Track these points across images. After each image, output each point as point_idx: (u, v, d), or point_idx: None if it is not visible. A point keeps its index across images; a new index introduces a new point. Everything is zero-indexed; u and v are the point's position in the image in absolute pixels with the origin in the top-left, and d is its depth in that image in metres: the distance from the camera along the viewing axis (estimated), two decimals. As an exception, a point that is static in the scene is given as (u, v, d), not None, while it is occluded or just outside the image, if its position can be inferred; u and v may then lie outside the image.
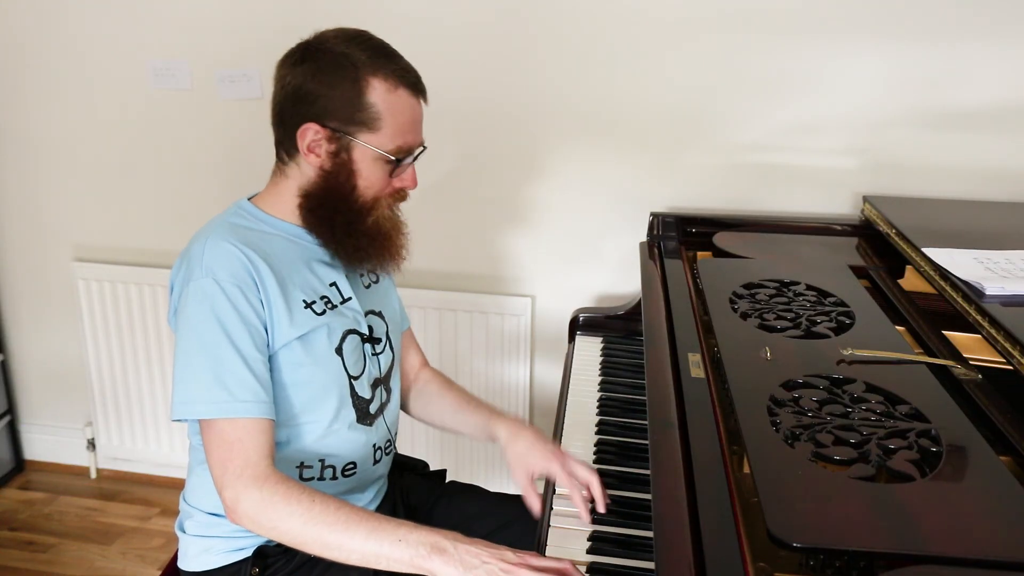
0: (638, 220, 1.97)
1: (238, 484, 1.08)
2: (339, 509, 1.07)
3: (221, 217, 1.23)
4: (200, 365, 1.10)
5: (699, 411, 1.13)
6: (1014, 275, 1.29)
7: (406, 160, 1.22)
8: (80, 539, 2.31)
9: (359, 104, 1.16)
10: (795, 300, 1.38)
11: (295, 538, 1.07)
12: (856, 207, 1.93)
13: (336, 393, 1.23)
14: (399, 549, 1.03)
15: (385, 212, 1.24)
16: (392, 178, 1.22)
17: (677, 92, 1.95)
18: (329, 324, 1.21)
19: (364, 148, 1.18)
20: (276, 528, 1.07)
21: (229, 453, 1.09)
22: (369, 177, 1.20)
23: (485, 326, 2.19)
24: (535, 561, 1.01)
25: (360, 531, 1.04)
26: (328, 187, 1.20)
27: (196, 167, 2.27)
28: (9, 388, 2.59)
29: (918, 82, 1.84)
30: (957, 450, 0.94)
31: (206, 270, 1.13)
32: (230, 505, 1.09)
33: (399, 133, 1.18)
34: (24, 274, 2.48)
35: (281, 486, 1.08)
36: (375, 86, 1.16)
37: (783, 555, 0.86)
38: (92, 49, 2.21)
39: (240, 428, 1.10)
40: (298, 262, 1.22)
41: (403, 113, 1.18)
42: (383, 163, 1.19)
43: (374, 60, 1.16)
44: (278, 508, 1.06)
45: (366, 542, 1.04)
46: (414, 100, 1.20)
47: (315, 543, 1.06)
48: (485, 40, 2.01)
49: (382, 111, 1.16)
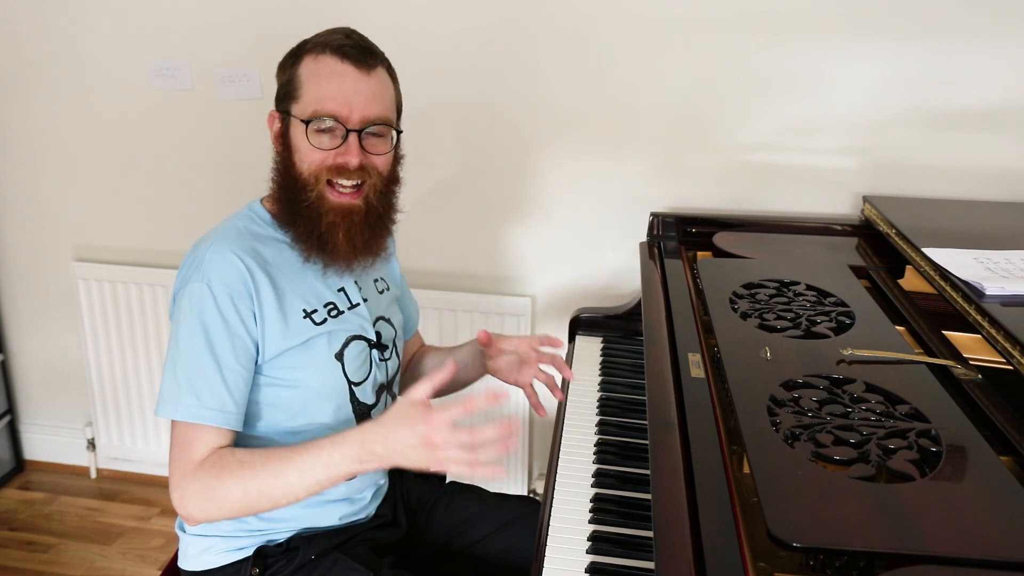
0: (638, 220, 1.97)
1: (182, 482, 1.10)
2: (265, 461, 1.09)
3: (232, 220, 1.23)
4: (178, 367, 1.13)
5: (699, 411, 1.13)
6: (1014, 275, 1.29)
7: (332, 128, 1.16)
8: (80, 539, 2.31)
9: (290, 79, 1.19)
10: (795, 300, 1.38)
11: (245, 506, 1.09)
12: (856, 207, 1.93)
13: (334, 399, 1.23)
14: (333, 471, 1.08)
15: (332, 199, 1.18)
16: (323, 150, 1.16)
17: (677, 92, 1.95)
18: (330, 332, 1.21)
19: (293, 120, 1.19)
20: (224, 506, 1.09)
21: (181, 454, 1.11)
22: (299, 149, 1.18)
23: (485, 326, 2.19)
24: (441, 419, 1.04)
25: (292, 473, 1.08)
26: (280, 170, 1.21)
27: (196, 167, 2.27)
28: (9, 388, 2.59)
29: (918, 82, 1.84)
30: (957, 450, 0.94)
31: (203, 275, 1.14)
32: (178, 504, 1.11)
33: (316, 98, 1.16)
34: (24, 274, 2.48)
35: (214, 468, 1.09)
36: (305, 60, 1.18)
37: (783, 555, 0.86)
38: (92, 49, 2.21)
39: (195, 432, 1.12)
40: (302, 268, 1.21)
41: (320, 76, 1.16)
42: (303, 130, 1.17)
43: (318, 37, 1.19)
44: (216, 488, 1.08)
45: (302, 480, 1.08)
46: (341, 65, 1.16)
47: (262, 501, 1.09)
48: (485, 41, 2.01)
49: (303, 78, 1.18)
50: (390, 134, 1.22)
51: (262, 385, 1.18)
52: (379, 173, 1.21)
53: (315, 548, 1.23)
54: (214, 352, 1.12)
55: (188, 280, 1.15)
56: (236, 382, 1.13)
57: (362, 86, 1.17)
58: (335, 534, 1.26)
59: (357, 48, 1.17)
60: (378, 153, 1.20)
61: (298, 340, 1.18)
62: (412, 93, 1.27)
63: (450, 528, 1.41)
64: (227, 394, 1.12)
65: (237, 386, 1.14)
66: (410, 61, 1.24)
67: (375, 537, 1.32)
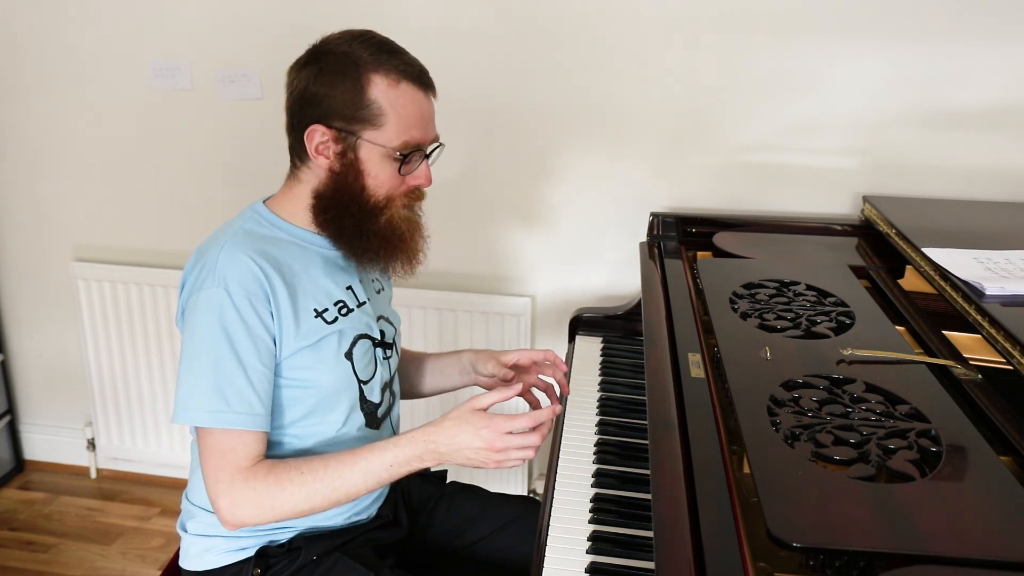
0: (638, 220, 1.97)
1: (232, 491, 1.10)
2: (326, 467, 1.13)
3: (237, 222, 1.22)
4: (202, 373, 1.11)
5: (699, 411, 1.13)
6: (1014, 275, 1.29)
7: (414, 155, 1.19)
8: (80, 539, 2.31)
9: (361, 102, 1.15)
10: (795, 300, 1.38)
11: (304, 512, 1.13)
12: (856, 207, 1.93)
13: (347, 398, 1.23)
14: (396, 469, 1.14)
15: (401, 212, 1.22)
16: (404, 176, 1.20)
17: (677, 92, 1.95)
18: (340, 330, 1.21)
19: (370, 146, 1.17)
20: (282, 511, 1.12)
21: (222, 462, 1.11)
22: (378, 176, 1.18)
23: (485, 326, 2.19)
24: (503, 426, 1.11)
25: (356, 477, 1.13)
26: (338, 188, 1.19)
27: (196, 167, 2.27)
28: (9, 388, 2.59)
29: (918, 82, 1.84)
30: (957, 450, 0.94)
31: (219, 279, 1.12)
32: (228, 511, 1.11)
33: (404, 129, 1.17)
34: (24, 274, 2.48)
35: (270, 476, 1.11)
36: (376, 82, 1.15)
37: (783, 555, 0.86)
38: (92, 49, 2.21)
39: (234, 438, 1.11)
40: (312, 269, 1.21)
41: (406, 107, 1.17)
42: (390, 160, 1.18)
43: (376, 56, 1.16)
44: (275, 496, 1.11)
45: (366, 480, 1.13)
46: (419, 94, 1.18)
47: (324, 505, 1.14)
48: (484, 42, 2.01)
49: (384, 107, 1.15)
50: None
51: (280, 387, 1.18)
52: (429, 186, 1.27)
53: (317, 549, 1.23)
54: (238, 356, 1.11)
55: (202, 286, 1.13)
56: (262, 383, 1.13)
57: (433, 110, 1.22)
58: (337, 534, 1.26)
59: (424, 72, 1.20)
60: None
61: (309, 340, 1.17)
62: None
63: (451, 528, 1.41)
64: (255, 396, 1.12)
65: (263, 387, 1.14)
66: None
67: (376, 537, 1.32)
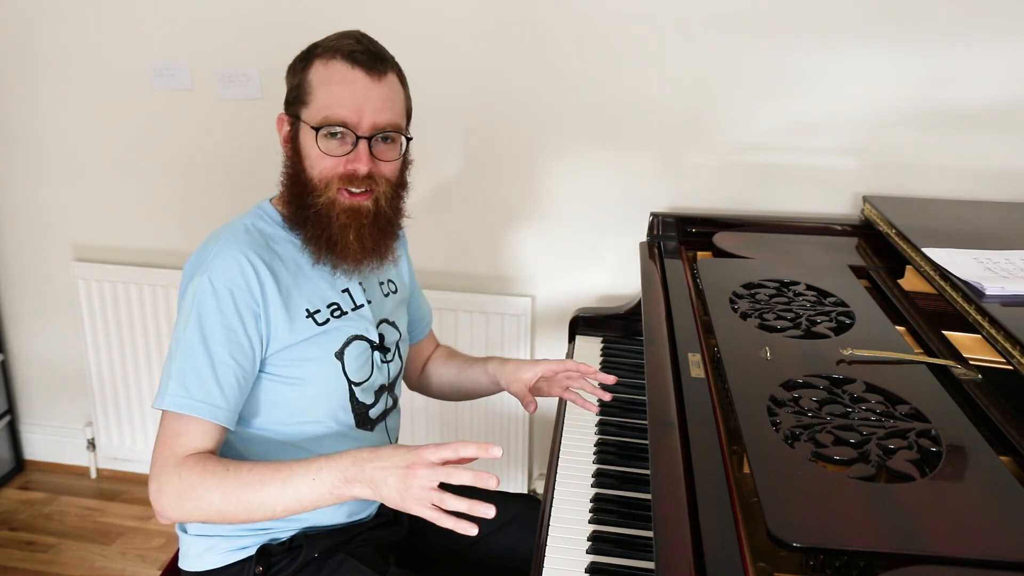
0: (638, 220, 1.97)
1: (161, 475, 1.08)
2: (252, 469, 1.07)
3: (242, 219, 1.23)
4: (173, 358, 1.13)
5: (699, 411, 1.13)
6: (1014, 275, 1.29)
7: (341, 135, 1.16)
8: (80, 539, 2.31)
9: (300, 83, 1.18)
10: (795, 300, 1.38)
11: (220, 512, 1.07)
12: (856, 207, 1.93)
13: (334, 397, 1.23)
14: (317, 488, 1.05)
15: (342, 200, 1.18)
16: (333, 156, 1.16)
17: (677, 92, 1.95)
18: (331, 331, 1.21)
19: (302, 126, 1.18)
20: (199, 508, 1.07)
21: (164, 446, 1.10)
22: (309, 155, 1.18)
23: (485, 326, 2.19)
24: (430, 455, 1.01)
25: (275, 484, 1.05)
26: (289, 174, 1.21)
27: (196, 167, 2.27)
28: (9, 388, 2.59)
29: (917, 82, 1.84)
30: (957, 450, 0.94)
31: (206, 270, 1.14)
32: (154, 496, 1.08)
33: (326, 104, 1.16)
34: (24, 274, 2.48)
35: (197, 466, 1.07)
36: (315, 64, 1.17)
37: (783, 555, 0.86)
38: (92, 49, 2.21)
39: (183, 425, 1.10)
40: (308, 268, 1.22)
41: (332, 83, 1.16)
42: (313, 136, 1.17)
43: (328, 42, 1.18)
44: (195, 487, 1.06)
45: (283, 492, 1.05)
46: (352, 72, 1.16)
47: (239, 509, 1.06)
48: (484, 42, 2.01)
49: (313, 84, 1.17)
50: (400, 140, 1.22)
51: (263, 381, 1.19)
52: (387, 180, 1.21)
53: (318, 546, 1.23)
54: (207, 345, 1.12)
55: (193, 275, 1.16)
56: (227, 377, 1.12)
57: (372, 92, 1.17)
58: (338, 532, 1.26)
59: (368, 53, 1.16)
60: (387, 160, 1.21)
61: (298, 339, 1.18)
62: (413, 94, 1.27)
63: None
64: (216, 387, 1.11)
65: (228, 381, 1.12)
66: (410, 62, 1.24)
67: (377, 536, 1.32)
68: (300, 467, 1.06)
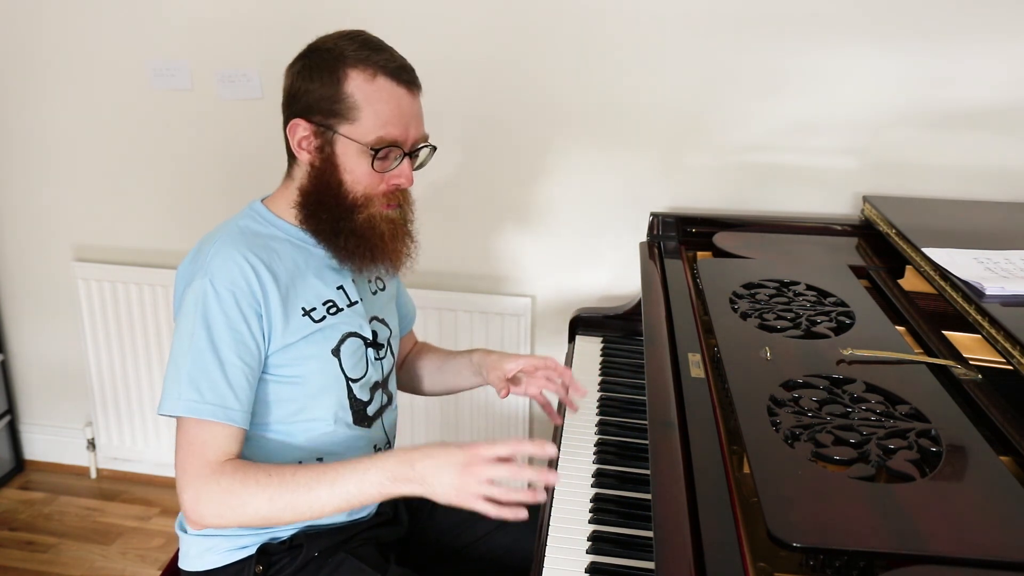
0: (638, 220, 1.97)
1: (197, 483, 1.09)
2: (295, 474, 1.09)
3: (234, 220, 1.24)
4: (181, 364, 1.12)
5: (699, 411, 1.13)
6: (1014, 275, 1.29)
7: (390, 152, 1.19)
8: (80, 539, 2.31)
9: (337, 95, 1.16)
10: (795, 300, 1.38)
11: (266, 516, 1.09)
12: (856, 207, 1.93)
13: (333, 394, 1.24)
14: (365, 488, 1.08)
15: (381, 211, 1.21)
16: (380, 173, 1.19)
17: (677, 92, 1.95)
18: (327, 328, 1.22)
19: (345, 141, 1.17)
20: (244, 513, 1.08)
21: (189, 453, 1.11)
22: (354, 172, 1.18)
23: (485, 326, 2.19)
24: (486, 452, 1.05)
25: (323, 487, 1.08)
26: (317, 184, 1.20)
27: (196, 167, 2.27)
28: (9, 388, 2.59)
29: (918, 82, 1.84)
30: (957, 450, 0.94)
31: (206, 273, 1.14)
32: (191, 505, 1.09)
33: (379, 124, 1.16)
34: (24, 274, 2.48)
35: (238, 473, 1.09)
36: (353, 77, 1.16)
37: (783, 555, 0.86)
38: (92, 49, 2.21)
39: (206, 431, 1.11)
40: (304, 267, 1.22)
41: (381, 103, 1.16)
42: (365, 156, 1.17)
43: (357, 52, 1.17)
44: (239, 494, 1.07)
45: (332, 494, 1.08)
46: (398, 90, 1.18)
47: (287, 513, 1.08)
48: (484, 42, 2.01)
49: (359, 101, 1.16)
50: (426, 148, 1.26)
51: (264, 381, 1.19)
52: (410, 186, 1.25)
53: (318, 545, 1.23)
54: (216, 348, 1.12)
55: (192, 278, 1.15)
56: (238, 378, 1.13)
57: (415, 108, 1.21)
58: (338, 531, 1.26)
59: (407, 70, 1.19)
60: (417, 169, 1.25)
61: (296, 337, 1.18)
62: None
63: (451, 526, 1.41)
64: (228, 390, 1.12)
65: (239, 383, 1.13)
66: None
67: (377, 535, 1.32)
68: (346, 469, 1.08)
